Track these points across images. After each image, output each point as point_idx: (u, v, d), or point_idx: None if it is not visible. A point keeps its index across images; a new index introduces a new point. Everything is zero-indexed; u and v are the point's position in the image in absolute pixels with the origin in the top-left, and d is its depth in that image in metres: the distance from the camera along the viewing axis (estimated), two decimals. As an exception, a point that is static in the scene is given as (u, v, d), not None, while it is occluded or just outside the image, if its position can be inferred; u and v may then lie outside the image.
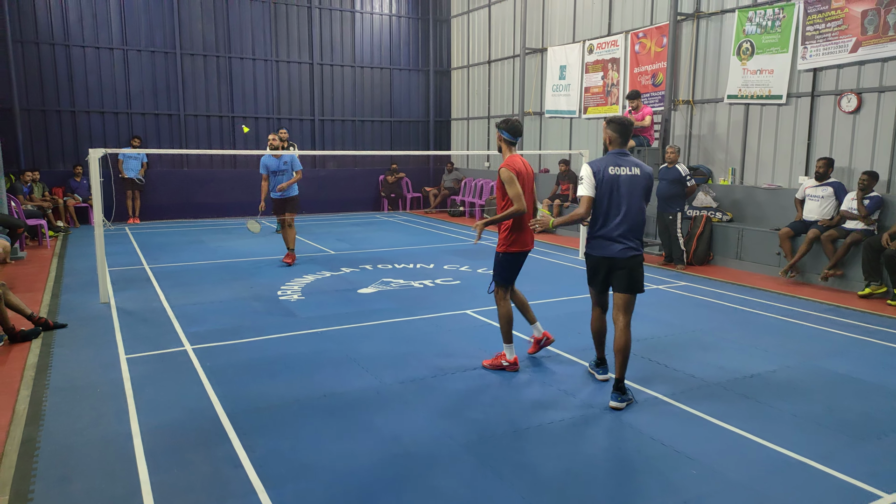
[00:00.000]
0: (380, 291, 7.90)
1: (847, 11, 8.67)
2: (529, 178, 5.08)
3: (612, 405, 4.44)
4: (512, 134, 5.08)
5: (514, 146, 5.15)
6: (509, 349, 5.16)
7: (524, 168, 5.03)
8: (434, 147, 18.41)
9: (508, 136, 5.08)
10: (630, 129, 4.65)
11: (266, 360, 5.37)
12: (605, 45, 12.77)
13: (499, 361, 5.18)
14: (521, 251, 5.10)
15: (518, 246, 5.07)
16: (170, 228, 13.66)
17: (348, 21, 17.05)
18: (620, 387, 4.47)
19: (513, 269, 5.15)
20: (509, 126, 5.07)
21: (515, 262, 5.13)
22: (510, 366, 5.13)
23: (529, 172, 5.10)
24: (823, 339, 6.17)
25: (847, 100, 8.83)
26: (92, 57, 14.29)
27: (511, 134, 5.08)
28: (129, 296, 7.57)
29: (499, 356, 5.21)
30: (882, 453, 3.84)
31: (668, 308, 7.27)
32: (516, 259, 5.12)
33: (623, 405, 4.43)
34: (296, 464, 3.65)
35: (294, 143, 13.61)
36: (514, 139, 5.11)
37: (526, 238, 5.10)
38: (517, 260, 5.13)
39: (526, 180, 5.02)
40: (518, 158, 5.06)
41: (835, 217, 8.42)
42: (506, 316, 5.14)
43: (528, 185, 5.04)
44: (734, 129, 10.49)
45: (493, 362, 5.20)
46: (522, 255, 5.14)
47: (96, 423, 4.16)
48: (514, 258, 5.11)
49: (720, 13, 10.51)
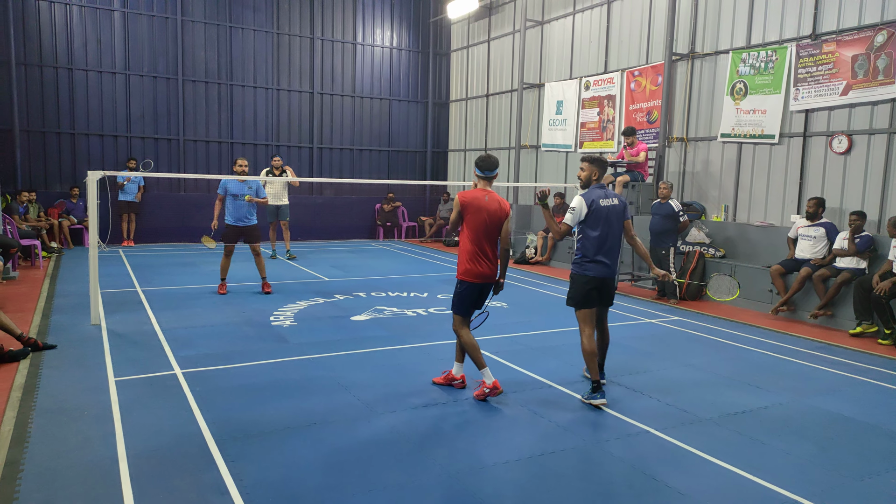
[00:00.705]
0: (373, 319, 7.88)
1: (838, 56, 8.88)
2: (491, 214, 5.08)
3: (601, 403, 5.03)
4: (481, 169, 5.19)
5: (486, 181, 5.20)
6: (485, 374, 5.12)
7: (485, 203, 5.06)
8: (431, 177, 18.56)
9: (478, 170, 5.22)
10: (606, 165, 5.44)
11: (256, 386, 5.33)
12: (602, 82, 12.99)
13: (482, 390, 5.13)
14: (472, 282, 5.14)
15: (469, 277, 5.13)
16: (164, 252, 13.64)
17: (349, 52, 17.32)
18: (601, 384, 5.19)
19: (464, 299, 5.18)
20: (480, 162, 5.22)
21: (467, 292, 5.17)
22: (492, 390, 5.08)
23: (493, 209, 5.09)
24: (815, 376, 6.17)
25: (838, 141, 8.98)
26: (94, 80, 14.44)
27: (480, 169, 5.20)
28: (121, 318, 7.52)
29: (481, 384, 5.16)
30: (875, 493, 3.82)
31: (661, 342, 7.27)
32: (468, 289, 5.16)
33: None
34: (284, 493, 3.60)
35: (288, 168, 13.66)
36: (484, 174, 5.19)
37: (479, 271, 5.12)
38: (469, 290, 5.16)
39: (484, 214, 5.04)
40: (479, 192, 5.12)
41: (826, 257, 8.49)
42: (468, 343, 5.16)
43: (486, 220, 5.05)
44: (727, 166, 10.63)
45: (479, 394, 5.15)
46: (474, 286, 5.15)
47: (82, 447, 4.10)
48: (465, 288, 5.16)
49: (714, 54, 10.74)
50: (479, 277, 5.15)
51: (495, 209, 5.13)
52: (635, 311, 8.99)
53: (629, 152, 10.41)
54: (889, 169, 8.48)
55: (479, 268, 5.13)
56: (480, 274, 5.14)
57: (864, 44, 8.58)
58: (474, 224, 5.09)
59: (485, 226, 5.08)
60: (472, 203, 5.08)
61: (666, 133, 11.32)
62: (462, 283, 5.20)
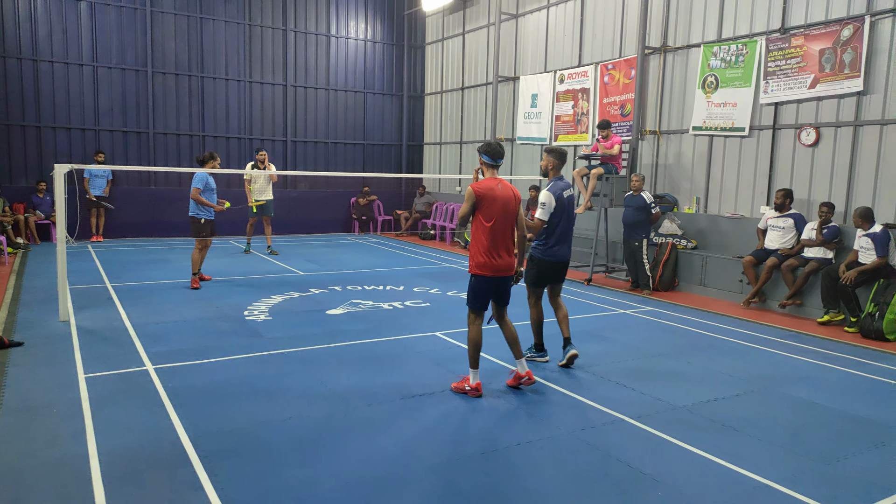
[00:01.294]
0: (348, 313, 7.84)
1: (806, 49, 9.04)
2: (506, 203, 4.99)
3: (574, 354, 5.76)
4: (491, 157, 5.07)
5: (494, 169, 5.11)
6: (473, 374, 5.06)
7: (500, 192, 4.97)
8: (406, 171, 18.49)
9: (488, 158, 5.08)
10: (565, 156, 5.87)
11: (231, 382, 5.27)
12: (576, 75, 13.06)
13: (462, 386, 5.10)
14: (488, 276, 4.98)
15: (485, 270, 4.97)
16: (135, 247, 13.39)
17: (323, 45, 17.14)
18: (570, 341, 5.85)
19: (478, 293, 5.04)
20: (489, 149, 5.08)
21: (482, 287, 5.02)
22: (472, 391, 5.03)
23: (508, 197, 5.00)
24: (785, 364, 6.30)
25: (806, 133, 9.15)
26: (60, 72, 14.08)
27: (490, 157, 5.07)
28: (90, 314, 7.37)
29: (464, 379, 5.15)
30: (843, 476, 3.91)
31: (635, 332, 7.36)
32: (483, 284, 5.02)
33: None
34: (260, 488, 3.57)
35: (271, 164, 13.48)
36: (493, 162, 5.08)
37: (496, 264, 4.97)
38: (484, 285, 5.02)
39: (499, 204, 4.95)
40: (491, 182, 5.01)
41: (795, 247, 8.66)
42: (473, 340, 5.06)
43: (502, 209, 4.95)
44: (699, 159, 10.77)
45: (458, 386, 5.14)
46: (491, 280, 5.01)
47: (51, 445, 4.01)
48: (480, 282, 5.02)
49: (686, 48, 10.85)
50: (495, 271, 4.98)
51: (509, 197, 5.01)
52: (610, 301, 9.08)
53: (604, 145, 10.49)
54: (855, 161, 8.67)
55: (496, 261, 4.96)
56: (496, 267, 4.97)
57: (830, 38, 8.74)
58: (489, 215, 4.92)
59: (501, 216, 4.94)
60: (487, 193, 4.92)
61: (639, 126, 11.42)
62: (476, 277, 5.02)
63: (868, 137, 8.52)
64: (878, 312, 7.31)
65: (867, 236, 7.63)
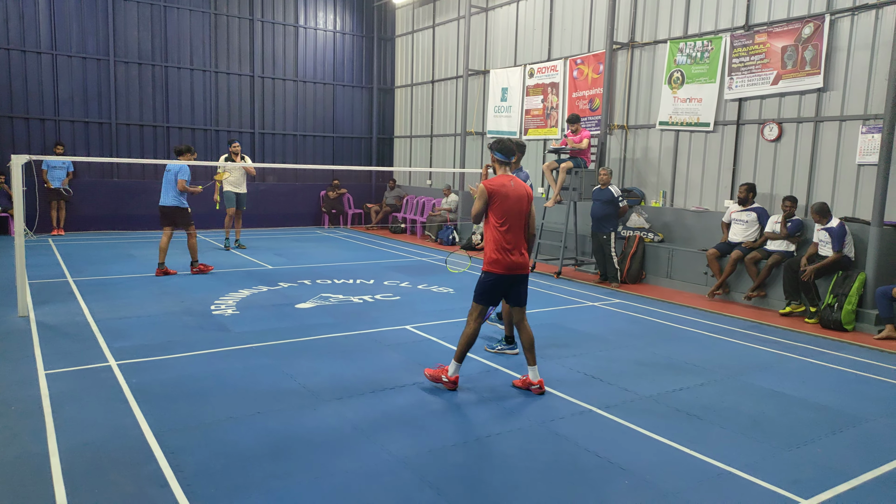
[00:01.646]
0: (318, 306, 7.77)
1: (769, 46, 9.22)
2: (519, 200, 4.90)
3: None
4: (503, 154, 4.96)
5: (507, 166, 5.01)
6: (454, 366, 4.99)
7: (511, 189, 4.87)
8: (376, 164, 18.38)
9: (500, 155, 4.97)
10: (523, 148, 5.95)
11: (197, 377, 5.18)
12: (546, 69, 13.12)
13: (439, 375, 5.04)
14: (499, 273, 4.89)
15: (497, 267, 4.89)
16: (97, 241, 13.07)
17: (291, 35, 16.91)
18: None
19: (487, 290, 4.95)
20: (501, 146, 4.97)
21: (492, 284, 4.93)
22: (448, 383, 4.98)
23: (520, 195, 4.91)
24: (748, 354, 6.44)
25: (769, 129, 9.35)
26: (17, 60, 13.62)
27: (503, 154, 4.96)
28: (51, 309, 7.18)
29: (441, 369, 5.08)
30: (803, 462, 4.03)
31: (603, 324, 7.45)
32: (494, 281, 4.92)
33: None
34: (228, 483, 3.52)
35: (245, 156, 13.25)
36: (506, 159, 4.98)
37: (509, 261, 4.88)
38: (495, 282, 4.92)
39: (512, 201, 4.86)
40: (504, 179, 4.91)
41: (758, 240, 8.85)
42: (468, 336, 4.96)
43: (515, 206, 4.87)
44: (665, 153, 10.93)
45: (434, 374, 5.07)
46: (502, 278, 4.91)
47: (9, 443, 3.90)
48: (491, 279, 4.92)
49: (653, 43, 10.98)
50: (508, 269, 4.89)
51: (521, 194, 4.93)
52: (578, 294, 9.18)
53: (572, 139, 10.57)
54: (816, 156, 8.89)
55: (509, 258, 4.87)
56: (510, 265, 4.89)
57: (792, 35, 8.94)
58: (502, 212, 4.85)
59: (513, 213, 4.87)
60: (499, 190, 4.85)
61: (607, 121, 11.53)
62: (489, 274, 4.92)
63: (828, 133, 8.75)
64: (837, 304, 7.53)
65: (825, 230, 7.85)
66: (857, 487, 3.72)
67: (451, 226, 14.42)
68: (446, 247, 13.94)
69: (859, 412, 4.91)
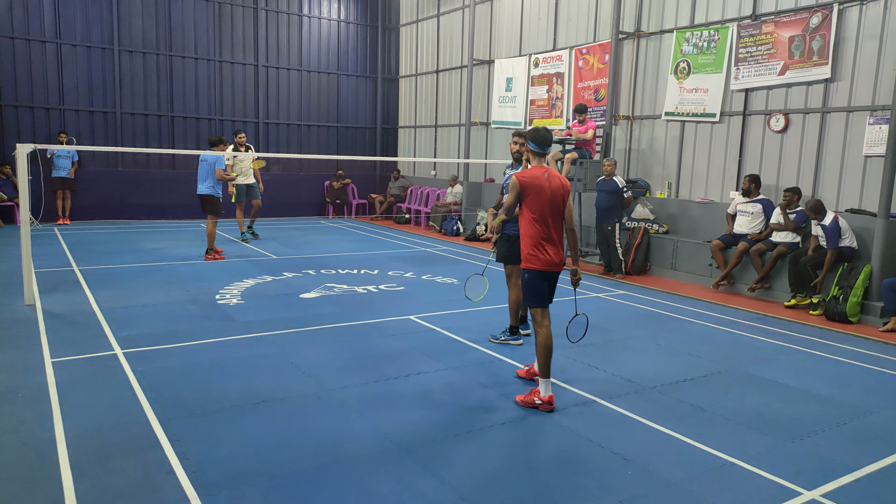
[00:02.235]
0: (322, 296, 7.79)
1: (776, 36, 9.15)
2: (555, 192, 4.67)
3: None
4: (538, 144, 4.71)
5: (541, 157, 4.77)
6: (544, 385, 4.56)
7: (546, 182, 4.63)
8: (381, 154, 18.36)
9: (535, 146, 4.73)
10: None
11: (202, 365, 5.21)
12: (550, 59, 13.05)
13: (531, 399, 4.60)
14: (540, 270, 4.66)
15: (534, 263, 4.66)
16: (102, 230, 13.11)
17: (295, 24, 16.85)
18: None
19: (533, 288, 4.69)
20: (536, 136, 4.71)
21: (535, 281, 4.68)
22: (543, 404, 4.52)
23: (556, 186, 4.67)
24: (752, 346, 6.44)
25: (775, 120, 9.29)
26: (22, 49, 13.62)
27: (537, 144, 4.72)
28: (57, 298, 7.21)
29: (533, 392, 4.65)
30: (805, 454, 4.03)
31: (607, 315, 7.44)
32: (535, 278, 4.68)
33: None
34: (232, 470, 3.54)
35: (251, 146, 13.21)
36: (540, 150, 4.74)
37: (546, 258, 4.64)
38: (538, 279, 4.68)
39: (547, 195, 4.63)
40: (538, 171, 4.68)
41: (763, 232, 8.82)
42: (543, 345, 4.62)
43: (551, 200, 4.64)
44: (671, 144, 10.88)
45: (526, 399, 4.62)
46: (544, 274, 4.68)
47: (16, 430, 3.93)
48: (533, 276, 4.68)
49: (659, 33, 10.90)
50: (545, 265, 4.65)
51: (557, 186, 4.66)
52: (583, 285, 9.16)
53: (578, 130, 10.53)
54: (822, 147, 8.83)
55: (545, 254, 4.64)
56: (547, 261, 4.64)
57: (800, 25, 8.86)
58: (537, 205, 4.61)
59: (549, 206, 4.62)
60: (533, 182, 4.60)
61: (612, 111, 11.48)
62: (528, 271, 4.69)
63: (835, 124, 8.69)
64: (843, 296, 7.50)
65: (820, 226, 7.84)
66: (861, 479, 3.72)
67: (456, 216, 14.40)
68: (450, 237, 13.94)
69: (863, 404, 4.91)
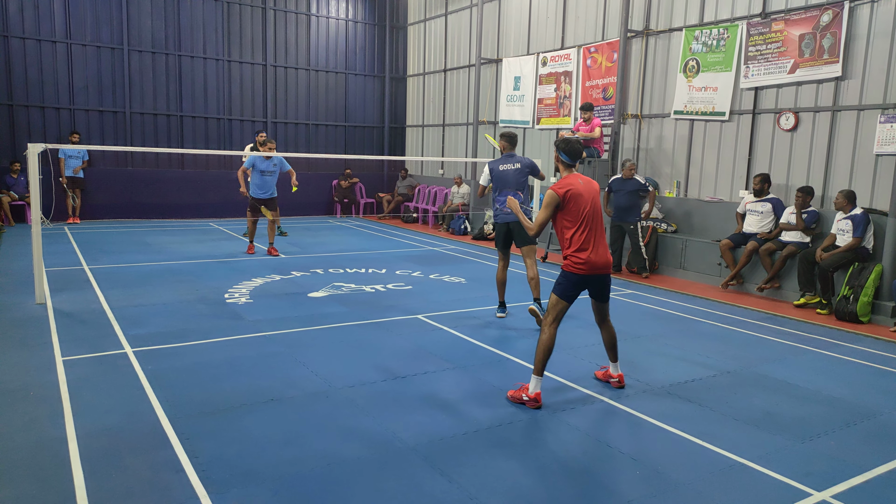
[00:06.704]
0: (330, 295, 7.81)
1: (786, 34, 9.09)
2: (592, 195, 4.71)
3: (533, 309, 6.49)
4: (570, 156, 4.78)
5: (572, 168, 4.81)
6: (535, 382, 4.58)
7: (582, 188, 4.67)
8: (388, 153, 18.38)
9: (567, 158, 4.79)
10: (515, 139, 6.88)
11: (211, 364, 5.24)
12: (559, 58, 13.02)
13: (520, 395, 4.64)
14: (577, 273, 4.66)
15: (575, 268, 4.66)
16: (112, 229, 13.20)
17: (304, 24, 16.89)
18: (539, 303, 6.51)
19: (565, 286, 4.72)
20: (568, 147, 4.77)
21: (569, 281, 4.70)
22: (530, 401, 4.56)
23: (593, 190, 4.74)
24: (761, 345, 6.41)
25: (785, 118, 9.24)
26: (32, 49, 13.72)
27: (569, 156, 4.78)
28: (67, 297, 7.27)
29: (522, 388, 4.69)
30: (815, 454, 4.01)
31: (614, 315, 7.37)
32: (571, 279, 4.70)
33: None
34: (241, 469, 3.56)
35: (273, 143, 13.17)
36: (571, 161, 4.79)
37: (592, 261, 4.63)
38: (572, 280, 4.69)
39: (585, 199, 4.66)
40: (574, 178, 4.71)
41: (773, 231, 8.77)
42: (544, 344, 4.62)
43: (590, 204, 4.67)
44: (679, 143, 10.84)
45: (515, 395, 4.68)
46: (580, 277, 4.67)
47: (28, 428, 3.97)
48: (568, 277, 4.71)
49: (668, 31, 10.86)
50: (592, 268, 4.65)
51: (592, 190, 4.73)
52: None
53: (584, 129, 10.50)
54: (832, 146, 8.77)
55: (592, 258, 4.63)
56: (593, 265, 4.64)
57: (810, 23, 8.80)
58: (578, 212, 4.62)
59: (590, 210, 4.66)
60: (571, 191, 4.62)
61: (621, 110, 11.44)
62: (565, 273, 4.71)
63: (845, 123, 8.63)
64: (853, 295, 7.45)
65: (848, 218, 7.77)
66: (871, 480, 3.70)
67: (464, 215, 14.40)
68: (458, 236, 13.94)
69: (873, 405, 4.88)
